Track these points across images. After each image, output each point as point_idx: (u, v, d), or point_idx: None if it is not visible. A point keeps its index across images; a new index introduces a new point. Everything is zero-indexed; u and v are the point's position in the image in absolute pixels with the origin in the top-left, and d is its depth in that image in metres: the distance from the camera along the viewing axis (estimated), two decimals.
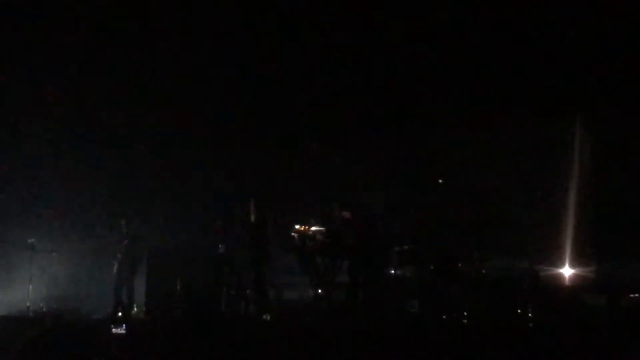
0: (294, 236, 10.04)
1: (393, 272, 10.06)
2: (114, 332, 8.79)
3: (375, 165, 12.65)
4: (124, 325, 9.07)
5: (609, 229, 10.95)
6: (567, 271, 10.57)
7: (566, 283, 10.45)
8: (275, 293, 10.82)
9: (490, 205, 10.81)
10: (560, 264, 10.67)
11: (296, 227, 10.05)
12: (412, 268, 10.08)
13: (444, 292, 9.71)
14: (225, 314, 10.23)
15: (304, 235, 9.96)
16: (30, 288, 11.22)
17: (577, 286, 10.10)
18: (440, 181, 10.53)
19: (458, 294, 9.69)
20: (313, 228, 10.14)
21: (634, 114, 11.17)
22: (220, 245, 10.91)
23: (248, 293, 10.62)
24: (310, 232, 9.98)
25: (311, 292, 10.24)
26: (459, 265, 9.81)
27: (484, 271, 9.72)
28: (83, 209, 12.68)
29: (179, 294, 10.47)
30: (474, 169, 11.78)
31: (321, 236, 10.04)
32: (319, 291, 9.94)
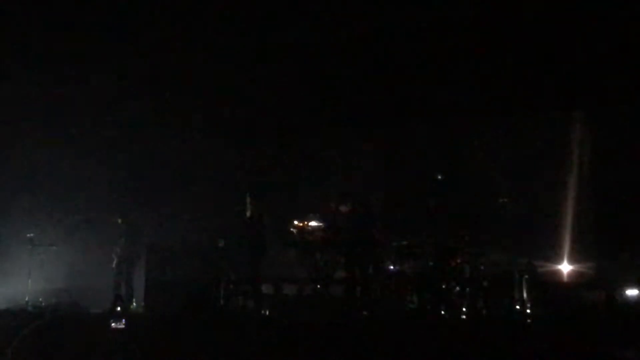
0: (293, 231, 10.06)
1: (392, 268, 10.06)
2: (113, 327, 8.80)
3: (373, 160, 12.65)
4: (123, 320, 9.09)
5: (607, 225, 10.98)
6: (566, 267, 10.58)
7: (564, 279, 10.47)
8: (274, 288, 10.82)
9: (489, 201, 10.81)
10: (558, 260, 10.69)
11: (295, 223, 10.06)
12: (411, 263, 10.09)
13: (442, 288, 9.72)
14: (224, 309, 10.23)
15: (302, 230, 9.97)
16: (29, 282, 11.23)
17: (575, 282, 10.11)
18: (439, 177, 10.53)
19: (457, 289, 9.71)
20: (312, 223, 10.15)
21: (632, 111, 11.19)
22: (219, 240, 10.92)
23: (247, 288, 10.63)
24: (309, 228, 10.00)
25: (310, 287, 10.25)
26: (458, 261, 9.82)
27: (482, 267, 9.74)
28: (82, 203, 12.67)
29: (177, 288, 10.45)
30: (473, 165, 11.79)
31: (320, 231, 10.06)
32: (318, 286, 9.94)
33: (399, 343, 7.75)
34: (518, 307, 9.58)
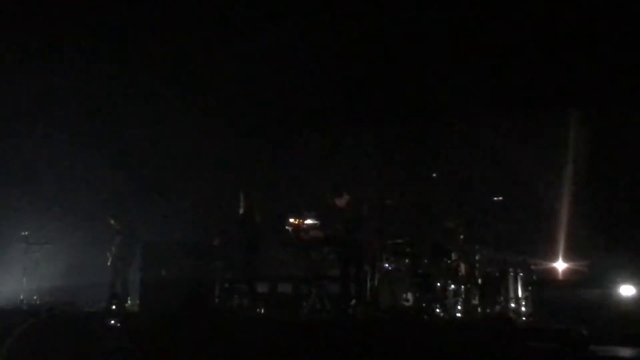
0: (288, 229, 10.05)
1: (387, 265, 10.07)
2: (109, 325, 8.79)
3: (369, 157, 12.65)
4: (119, 318, 9.07)
5: (602, 223, 10.99)
6: (561, 265, 10.59)
7: (559, 277, 10.47)
8: (269, 286, 10.81)
9: (484, 199, 10.81)
10: (553, 258, 10.70)
11: (290, 221, 10.05)
12: (407, 261, 10.10)
13: (437, 286, 9.73)
14: (219, 307, 10.23)
15: (297, 228, 9.96)
16: (24, 281, 11.22)
17: (570, 280, 10.12)
18: (434, 174, 10.54)
19: (452, 287, 9.72)
20: (307, 221, 10.14)
21: (629, 110, 11.19)
22: (214, 238, 10.91)
23: (242, 286, 10.64)
24: (305, 226, 9.99)
25: (305, 286, 10.24)
26: (453, 258, 9.83)
27: (477, 265, 9.75)
28: (77, 202, 12.66)
29: (172, 287, 10.44)
30: (469, 163, 11.79)
31: (315, 229, 10.05)
32: (313, 284, 9.94)
33: (394, 341, 7.74)
34: (513, 305, 9.61)
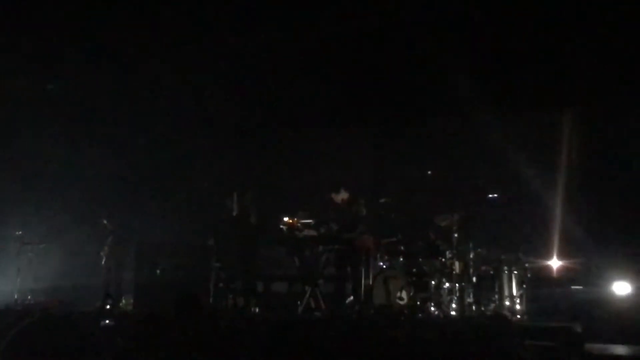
0: (282, 228, 10.04)
1: (381, 264, 10.07)
2: (103, 325, 8.77)
3: (365, 157, 12.65)
4: (113, 318, 9.06)
5: (597, 222, 11.02)
6: (555, 263, 10.61)
7: (554, 275, 10.49)
8: (263, 285, 10.81)
9: (479, 198, 10.83)
10: (548, 256, 10.72)
11: (284, 220, 10.05)
12: (401, 259, 10.10)
13: (432, 284, 9.74)
14: (213, 307, 10.21)
15: (292, 227, 9.96)
16: (18, 281, 11.19)
17: (565, 278, 10.14)
18: (429, 172, 10.55)
19: (446, 285, 9.73)
20: (302, 220, 10.14)
21: (623, 108, 11.22)
22: (208, 238, 10.90)
23: (236, 286, 10.63)
24: (299, 225, 9.98)
25: (300, 285, 10.24)
26: (448, 257, 9.84)
27: (471, 263, 9.76)
28: (71, 202, 12.62)
29: (167, 287, 10.42)
30: (463, 161, 11.80)
31: (310, 228, 10.05)
32: (308, 283, 9.93)
33: (389, 340, 7.74)
34: (507, 303, 9.62)
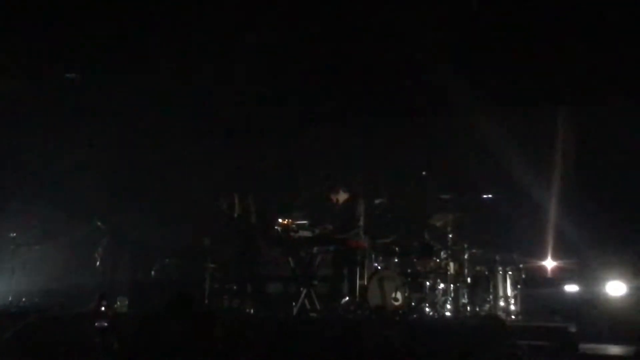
0: (277, 229, 10.04)
1: (376, 265, 10.08)
2: (97, 326, 8.74)
3: (358, 157, 12.64)
4: (108, 319, 9.03)
5: (592, 222, 11.04)
6: (550, 263, 10.64)
7: (549, 275, 10.52)
8: (258, 286, 10.79)
9: (474, 199, 10.83)
10: (543, 257, 10.74)
11: (279, 221, 10.04)
12: (396, 260, 10.11)
13: (427, 285, 9.76)
14: (208, 308, 10.20)
15: (287, 228, 9.95)
16: (12, 283, 11.16)
17: (559, 278, 10.17)
18: (424, 173, 10.56)
19: (441, 286, 9.75)
20: (296, 221, 10.14)
21: (619, 108, 11.24)
22: (204, 239, 10.88)
23: (232, 286, 10.63)
24: (294, 225, 9.98)
25: (295, 285, 10.24)
26: (442, 257, 9.85)
27: (466, 264, 9.78)
28: (65, 203, 12.59)
29: (162, 288, 10.41)
30: (458, 162, 11.81)
31: (305, 229, 10.05)
32: (303, 284, 9.93)
33: (384, 340, 7.75)
34: (502, 304, 9.64)
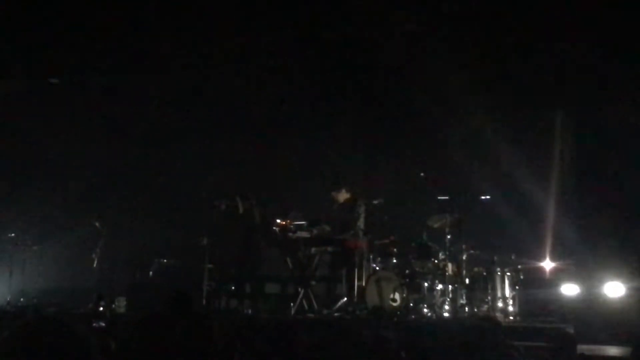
0: (275, 230, 10.03)
1: (374, 265, 10.07)
2: (96, 326, 8.73)
3: (356, 158, 12.63)
4: (106, 320, 9.02)
5: (590, 223, 11.04)
6: (548, 264, 10.63)
7: (547, 276, 10.51)
8: (256, 286, 10.79)
9: (471, 199, 10.82)
10: (541, 258, 10.73)
11: (277, 221, 10.03)
12: (394, 261, 10.10)
13: (425, 286, 9.74)
14: (207, 308, 10.20)
15: (285, 228, 9.95)
16: (10, 283, 11.15)
17: (558, 279, 10.15)
18: (422, 174, 10.55)
19: (439, 287, 9.74)
20: (294, 222, 10.12)
21: (616, 110, 11.24)
22: (202, 239, 10.86)
23: (230, 287, 10.62)
24: (292, 226, 9.97)
25: (292, 286, 10.24)
26: (440, 258, 9.85)
27: (464, 264, 9.77)
28: (63, 203, 12.59)
29: (160, 288, 10.40)
30: (456, 162, 11.80)
31: (302, 230, 10.04)
32: (300, 284, 9.93)
33: (381, 341, 7.73)
34: (500, 305, 9.63)
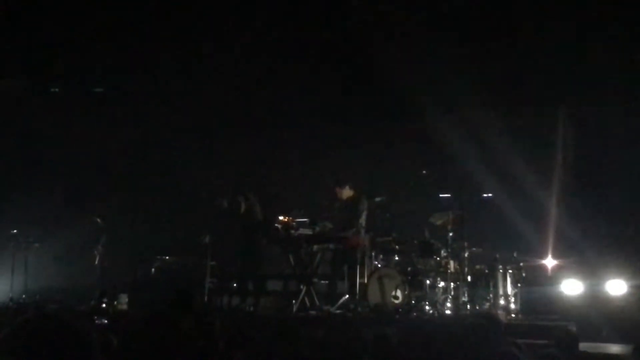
0: (277, 227, 10.02)
1: (376, 263, 10.07)
2: (98, 323, 8.75)
3: (359, 156, 12.62)
4: (108, 317, 9.04)
5: (592, 220, 11.04)
6: (550, 262, 10.63)
7: (549, 274, 10.51)
8: (258, 284, 10.79)
9: (474, 197, 10.82)
10: (543, 255, 10.73)
11: (280, 218, 10.03)
12: (396, 258, 10.10)
13: (427, 283, 9.75)
14: (209, 306, 10.20)
15: (287, 226, 9.95)
16: (12, 279, 11.16)
17: (560, 277, 10.15)
18: (424, 172, 10.55)
19: (441, 284, 9.74)
20: (297, 219, 10.13)
21: (618, 108, 11.24)
22: (204, 236, 10.87)
23: (232, 284, 10.63)
24: (294, 223, 9.97)
25: (295, 283, 10.24)
26: (442, 256, 9.85)
27: (466, 262, 9.77)
28: (65, 200, 12.60)
29: (162, 285, 10.42)
30: (458, 160, 11.79)
31: (305, 227, 10.04)
32: (302, 282, 9.93)
33: (383, 338, 7.73)
34: (502, 302, 9.64)
